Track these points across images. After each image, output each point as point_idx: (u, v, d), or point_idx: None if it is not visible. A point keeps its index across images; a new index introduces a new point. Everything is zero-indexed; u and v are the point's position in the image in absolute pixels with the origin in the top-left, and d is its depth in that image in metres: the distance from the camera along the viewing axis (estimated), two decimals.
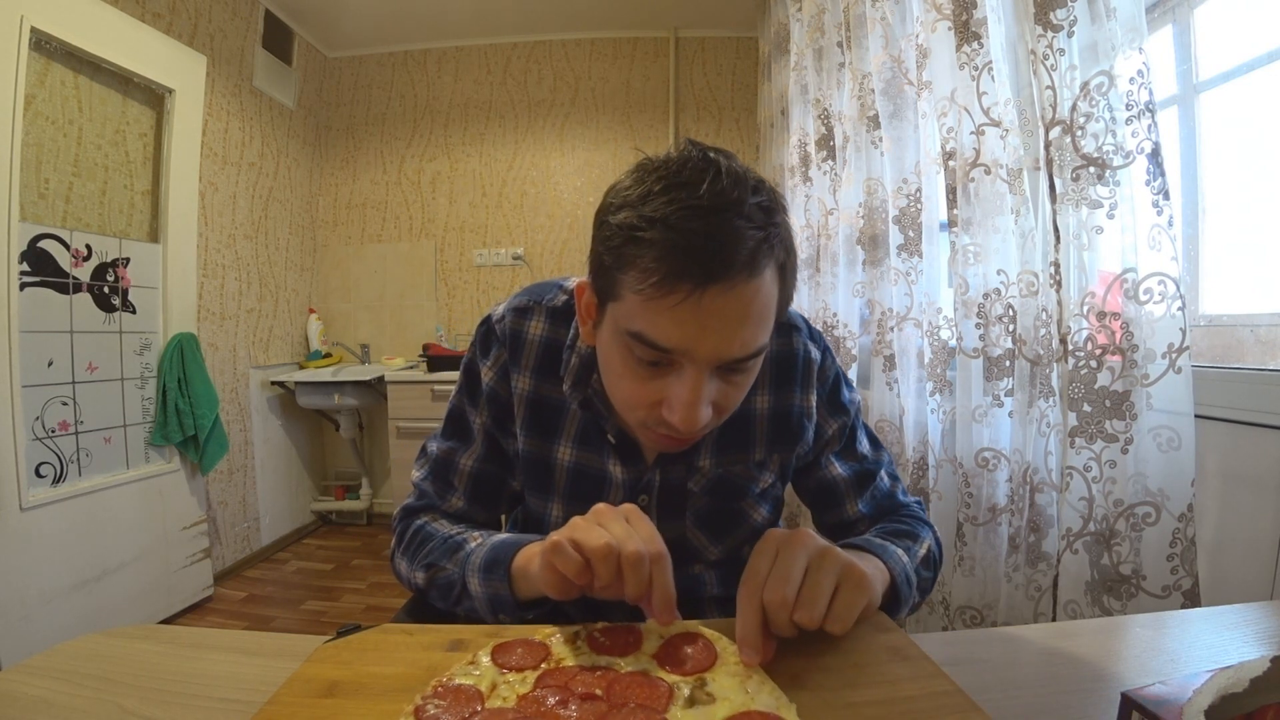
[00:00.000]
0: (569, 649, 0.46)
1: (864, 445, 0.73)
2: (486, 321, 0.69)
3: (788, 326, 0.68)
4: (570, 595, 0.48)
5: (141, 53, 1.95)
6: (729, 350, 0.48)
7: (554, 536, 0.47)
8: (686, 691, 0.41)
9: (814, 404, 0.68)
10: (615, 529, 0.46)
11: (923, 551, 0.63)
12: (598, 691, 0.41)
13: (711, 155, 0.48)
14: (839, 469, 0.70)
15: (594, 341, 0.58)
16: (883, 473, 0.72)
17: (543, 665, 0.44)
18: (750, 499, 0.69)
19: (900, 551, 0.59)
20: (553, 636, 0.48)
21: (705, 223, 0.45)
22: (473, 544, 0.61)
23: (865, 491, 0.70)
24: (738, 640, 0.44)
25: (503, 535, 0.61)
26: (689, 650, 0.45)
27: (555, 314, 0.67)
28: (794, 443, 0.68)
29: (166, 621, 2.01)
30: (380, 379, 2.59)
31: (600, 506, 0.50)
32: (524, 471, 0.69)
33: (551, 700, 0.40)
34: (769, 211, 0.48)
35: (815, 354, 0.69)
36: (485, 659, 0.44)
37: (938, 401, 1.22)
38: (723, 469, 0.66)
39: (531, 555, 0.54)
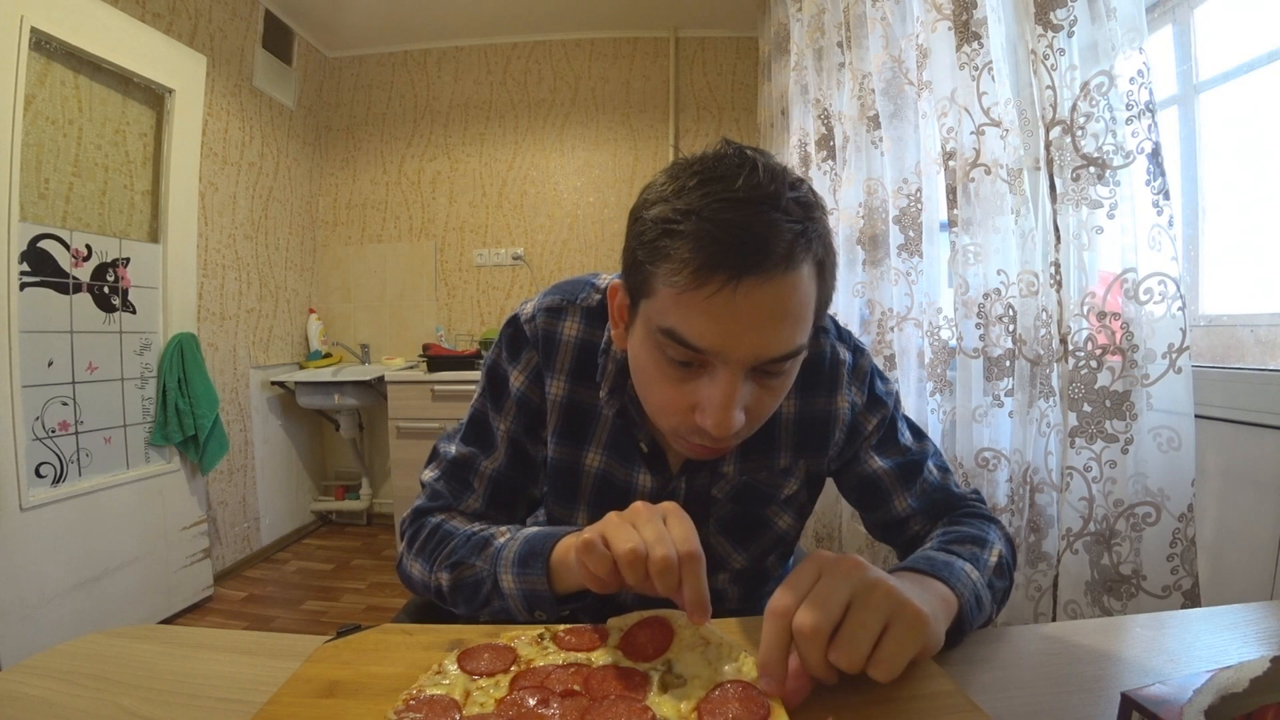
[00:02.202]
0: (535, 650, 0.46)
1: (905, 437, 0.68)
2: (514, 322, 0.65)
3: (815, 327, 0.67)
4: (610, 589, 0.46)
5: (141, 53, 1.95)
6: (765, 348, 0.46)
7: (587, 533, 0.46)
8: (658, 678, 0.41)
9: (845, 407, 0.65)
10: (647, 532, 0.44)
11: (993, 560, 0.55)
12: (576, 687, 0.41)
13: (749, 152, 0.47)
14: (879, 462, 0.66)
15: (625, 345, 0.56)
16: (929, 464, 0.67)
17: (513, 668, 0.44)
18: (774, 506, 0.67)
19: (967, 566, 0.52)
20: (517, 639, 0.47)
21: (741, 214, 0.44)
22: (501, 539, 0.58)
23: (913, 484, 0.66)
24: (759, 666, 0.39)
25: (533, 529, 0.58)
26: (647, 636, 0.46)
27: (590, 314, 0.64)
28: (821, 449, 0.65)
29: (166, 621, 2.01)
30: (380, 379, 2.59)
31: (637, 505, 0.47)
32: (551, 478, 0.66)
33: (532, 701, 0.39)
34: (807, 207, 0.46)
35: (845, 354, 0.66)
36: (452, 667, 0.43)
37: (938, 401, 1.22)
38: (747, 475, 0.64)
39: (569, 547, 0.53)
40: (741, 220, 0.44)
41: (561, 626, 0.49)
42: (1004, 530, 0.62)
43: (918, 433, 0.70)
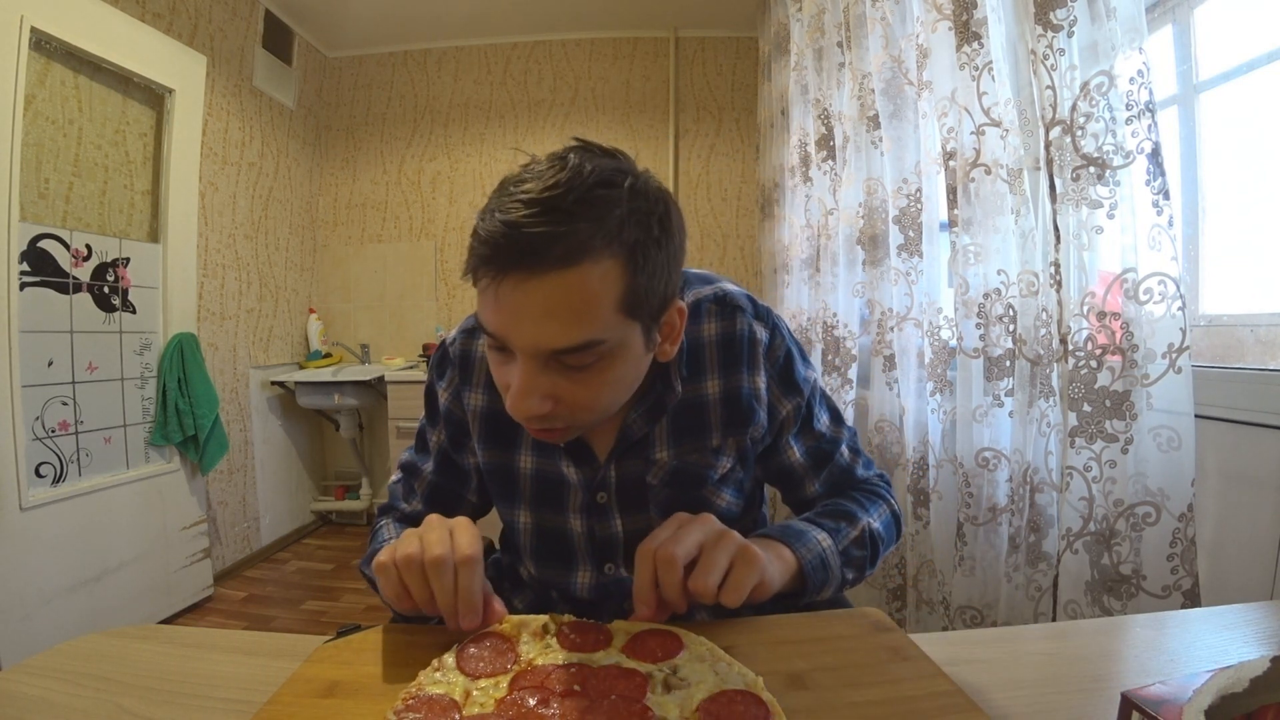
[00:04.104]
0: (537, 645, 0.46)
1: (822, 422, 0.70)
2: (442, 346, 0.72)
3: (732, 308, 0.66)
4: (404, 606, 0.48)
5: (141, 53, 1.95)
6: (542, 340, 0.47)
7: (380, 556, 0.49)
8: (661, 679, 0.42)
9: (763, 385, 0.66)
10: (430, 537, 0.48)
11: (855, 532, 0.63)
12: (576, 687, 0.41)
13: (573, 156, 0.47)
14: (796, 453, 0.69)
15: None
16: (843, 448, 0.71)
17: (513, 668, 0.44)
18: (710, 486, 0.67)
19: (820, 534, 0.60)
20: (520, 632, 0.47)
21: (517, 216, 0.45)
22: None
23: (823, 470, 0.70)
24: (634, 595, 0.49)
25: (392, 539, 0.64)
26: (657, 641, 0.46)
27: None
28: (746, 424, 0.66)
29: (166, 621, 2.01)
30: (380, 379, 2.59)
31: (431, 518, 0.51)
32: (490, 482, 0.70)
33: (532, 701, 0.39)
34: (605, 204, 0.46)
35: (762, 334, 0.66)
36: (453, 666, 0.43)
37: (938, 401, 1.22)
38: (678, 459, 0.65)
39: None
40: (516, 221, 0.45)
41: (566, 620, 0.49)
42: (891, 506, 0.69)
43: (836, 417, 0.72)
